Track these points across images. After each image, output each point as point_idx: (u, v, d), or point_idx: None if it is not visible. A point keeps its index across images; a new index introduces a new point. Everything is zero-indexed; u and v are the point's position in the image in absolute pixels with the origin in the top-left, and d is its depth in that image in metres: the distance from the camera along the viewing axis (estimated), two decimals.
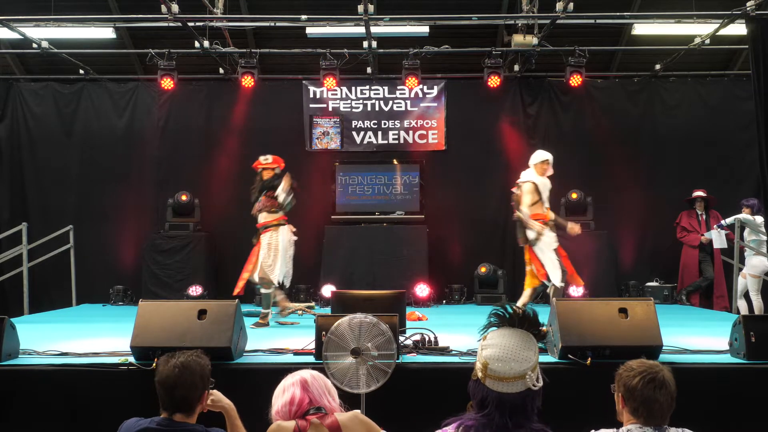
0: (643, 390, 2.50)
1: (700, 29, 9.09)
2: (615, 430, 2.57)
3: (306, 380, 2.81)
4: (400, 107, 10.62)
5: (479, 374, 2.22)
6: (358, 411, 2.89)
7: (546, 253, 6.47)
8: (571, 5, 7.98)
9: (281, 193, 7.01)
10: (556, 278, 6.37)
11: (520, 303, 6.60)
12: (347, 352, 3.72)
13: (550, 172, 6.79)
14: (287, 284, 7.19)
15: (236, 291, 6.89)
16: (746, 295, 8.63)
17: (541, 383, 2.21)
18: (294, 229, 7.16)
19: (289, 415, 2.74)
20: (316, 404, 2.77)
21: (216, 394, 2.98)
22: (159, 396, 2.74)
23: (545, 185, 6.70)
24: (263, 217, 7.16)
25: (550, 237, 6.52)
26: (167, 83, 9.43)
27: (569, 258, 6.69)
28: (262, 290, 7.03)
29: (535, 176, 6.68)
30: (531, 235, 6.53)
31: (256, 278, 7.01)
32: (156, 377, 2.76)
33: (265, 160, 7.27)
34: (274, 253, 6.96)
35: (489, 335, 2.29)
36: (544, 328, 4.52)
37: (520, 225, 6.67)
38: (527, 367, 2.19)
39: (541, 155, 6.80)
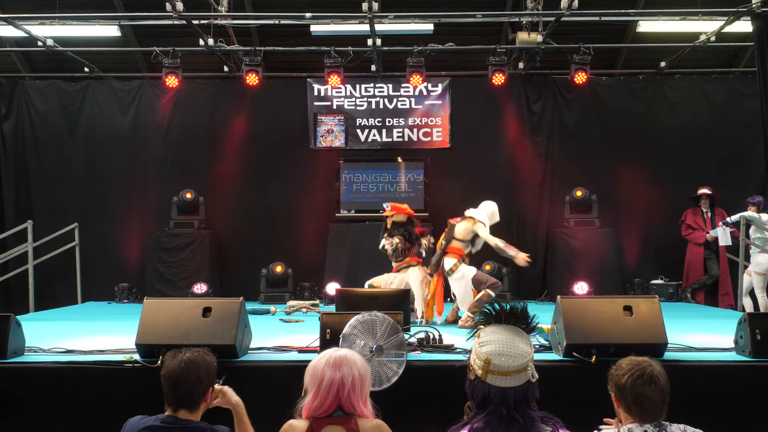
0: (633, 387, 2.51)
1: (705, 26, 9.06)
2: (616, 429, 2.58)
3: (354, 376, 2.52)
4: (405, 105, 10.61)
5: (479, 372, 2.24)
6: (382, 422, 2.59)
7: (462, 284, 6.64)
8: (575, 2, 7.98)
9: (387, 245, 7.09)
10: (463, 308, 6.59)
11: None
12: (366, 351, 3.73)
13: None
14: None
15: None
16: (751, 293, 8.60)
17: (537, 375, 2.27)
18: (428, 271, 7.07)
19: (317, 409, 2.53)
20: (346, 408, 2.52)
21: (226, 390, 2.97)
22: (164, 390, 2.75)
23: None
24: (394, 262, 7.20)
25: (469, 270, 6.67)
26: (172, 81, 9.45)
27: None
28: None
29: (486, 220, 6.84)
30: (448, 265, 6.71)
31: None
32: (162, 371, 2.77)
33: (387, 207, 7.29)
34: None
35: (482, 333, 2.32)
36: (547, 326, 4.55)
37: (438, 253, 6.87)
38: (528, 359, 2.25)
39: (494, 211, 7.03)
